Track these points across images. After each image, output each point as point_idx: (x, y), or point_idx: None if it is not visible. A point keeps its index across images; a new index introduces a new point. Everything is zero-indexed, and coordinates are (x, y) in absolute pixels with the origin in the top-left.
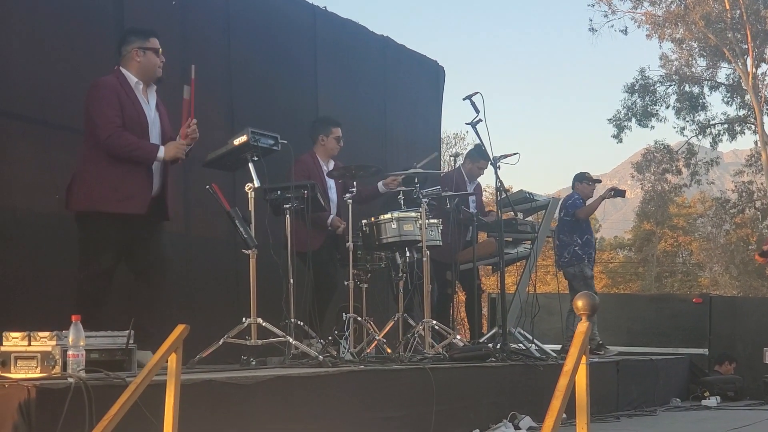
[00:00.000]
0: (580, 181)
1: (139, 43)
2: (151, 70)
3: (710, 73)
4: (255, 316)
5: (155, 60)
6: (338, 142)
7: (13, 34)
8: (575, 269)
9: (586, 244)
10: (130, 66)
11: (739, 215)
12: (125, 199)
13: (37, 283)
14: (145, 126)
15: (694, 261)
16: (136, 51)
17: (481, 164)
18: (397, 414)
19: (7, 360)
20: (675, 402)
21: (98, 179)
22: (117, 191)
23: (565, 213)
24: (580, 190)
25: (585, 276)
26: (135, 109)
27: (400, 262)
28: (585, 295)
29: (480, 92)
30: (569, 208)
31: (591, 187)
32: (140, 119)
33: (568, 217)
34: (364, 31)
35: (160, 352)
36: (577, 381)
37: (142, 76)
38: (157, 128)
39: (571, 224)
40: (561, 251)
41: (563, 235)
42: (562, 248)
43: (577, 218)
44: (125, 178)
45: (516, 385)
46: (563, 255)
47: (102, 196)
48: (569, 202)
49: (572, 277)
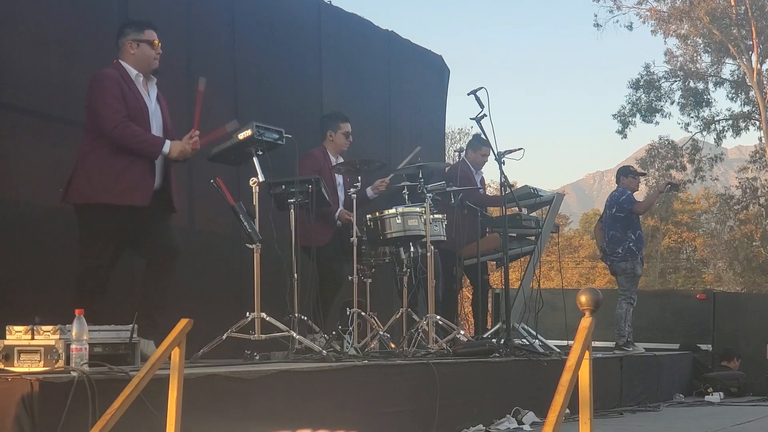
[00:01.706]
0: (626, 175)
1: (134, 35)
2: (146, 62)
3: (715, 69)
4: (259, 311)
5: (150, 52)
6: (347, 137)
7: (17, 28)
8: (628, 265)
9: (639, 240)
10: (126, 58)
11: (743, 211)
12: (127, 191)
13: (41, 276)
14: (146, 118)
15: (698, 257)
16: (130, 43)
17: (483, 151)
18: (400, 409)
19: (11, 354)
20: (678, 398)
21: (99, 171)
22: (118, 182)
23: (617, 209)
24: (626, 184)
25: (636, 274)
26: (137, 100)
27: (404, 257)
28: (588, 290)
29: (485, 87)
30: (624, 204)
31: (636, 180)
32: (142, 111)
33: (621, 213)
34: (369, 25)
35: (164, 346)
36: (581, 376)
37: (137, 68)
38: (158, 120)
39: (625, 220)
40: (614, 247)
41: (615, 231)
42: (615, 244)
43: (633, 213)
44: (127, 170)
45: (519, 380)
46: (616, 251)
47: (103, 187)
48: (622, 198)
49: (622, 272)
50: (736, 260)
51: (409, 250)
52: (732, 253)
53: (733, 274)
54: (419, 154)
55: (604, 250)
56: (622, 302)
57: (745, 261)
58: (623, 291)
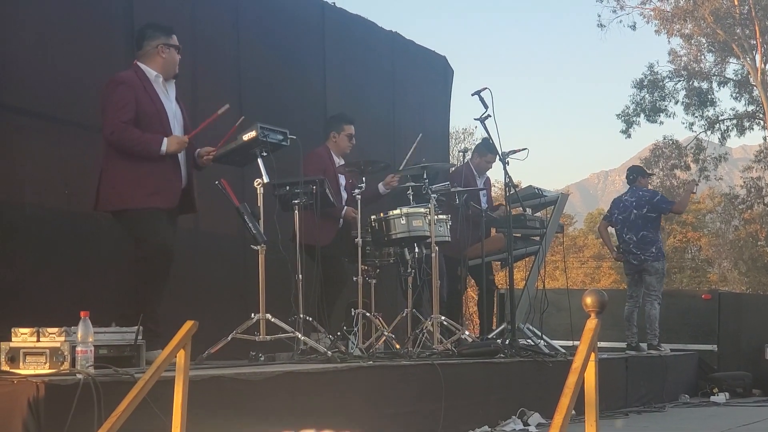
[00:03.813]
0: (643, 176)
1: (164, 39)
2: (173, 66)
3: (719, 68)
4: (264, 312)
5: (176, 57)
6: (350, 139)
7: (23, 32)
8: (659, 265)
9: (662, 241)
10: (153, 61)
11: (747, 211)
12: (153, 194)
13: (47, 279)
14: (165, 119)
15: (703, 257)
16: (162, 47)
17: (489, 158)
18: (406, 410)
19: (16, 356)
20: (684, 398)
21: (122, 176)
22: (143, 186)
23: (650, 209)
24: (644, 184)
25: (665, 273)
26: (154, 103)
27: (408, 257)
28: (593, 292)
29: (488, 88)
30: (661, 204)
31: (648, 180)
32: (160, 113)
33: (653, 213)
34: (373, 26)
35: (169, 348)
36: (586, 378)
37: (163, 71)
38: (179, 121)
39: (656, 220)
40: (647, 247)
41: (647, 231)
42: (648, 244)
43: (671, 213)
44: (150, 174)
45: (525, 381)
46: (650, 250)
47: (130, 194)
48: (657, 198)
49: (656, 272)
50: (740, 260)
51: (414, 250)
52: (737, 252)
53: (738, 274)
54: (421, 141)
55: (630, 251)
56: (654, 303)
57: (750, 261)
58: (653, 291)
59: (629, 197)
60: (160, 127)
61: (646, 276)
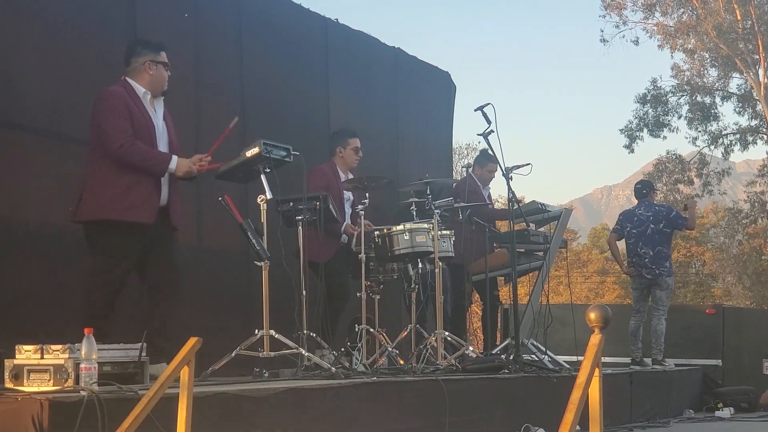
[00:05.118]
0: (654, 190)
1: (152, 56)
2: (161, 83)
3: (722, 83)
4: (267, 328)
5: (165, 74)
6: (356, 153)
7: (26, 48)
8: (672, 280)
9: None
10: (141, 78)
11: (751, 225)
12: (132, 208)
13: (50, 295)
14: (153, 135)
15: (707, 271)
16: (149, 64)
17: (490, 167)
18: (410, 426)
19: (20, 373)
20: (688, 413)
21: (106, 188)
22: (124, 199)
23: (666, 224)
24: (654, 198)
25: (673, 288)
26: (144, 118)
27: (412, 273)
28: (597, 307)
29: (491, 103)
30: (677, 219)
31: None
32: (149, 129)
33: (668, 229)
34: (376, 42)
35: (173, 365)
36: (591, 393)
37: (151, 88)
38: (165, 138)
39: (671, 236)
40: (662, 261)
41: (663, 246)
42: (663, 259)
43: (685, 230)
44: (133, 187)
45: (529, 396)
46: (664, 265)
47: (109, 204)
48: (672, 214)
49: (667, 287)
50: (744, 274)
51: (417, 266)
52: (741, 267)
53: (742, 288)
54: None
55: (645, 265)
56: (662, 318)
57: (754, 275)
58: (662, 306)
59: (644, 211)
60: (149, 142)
61: (657, 290)
